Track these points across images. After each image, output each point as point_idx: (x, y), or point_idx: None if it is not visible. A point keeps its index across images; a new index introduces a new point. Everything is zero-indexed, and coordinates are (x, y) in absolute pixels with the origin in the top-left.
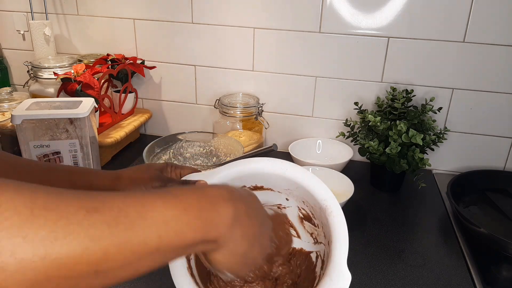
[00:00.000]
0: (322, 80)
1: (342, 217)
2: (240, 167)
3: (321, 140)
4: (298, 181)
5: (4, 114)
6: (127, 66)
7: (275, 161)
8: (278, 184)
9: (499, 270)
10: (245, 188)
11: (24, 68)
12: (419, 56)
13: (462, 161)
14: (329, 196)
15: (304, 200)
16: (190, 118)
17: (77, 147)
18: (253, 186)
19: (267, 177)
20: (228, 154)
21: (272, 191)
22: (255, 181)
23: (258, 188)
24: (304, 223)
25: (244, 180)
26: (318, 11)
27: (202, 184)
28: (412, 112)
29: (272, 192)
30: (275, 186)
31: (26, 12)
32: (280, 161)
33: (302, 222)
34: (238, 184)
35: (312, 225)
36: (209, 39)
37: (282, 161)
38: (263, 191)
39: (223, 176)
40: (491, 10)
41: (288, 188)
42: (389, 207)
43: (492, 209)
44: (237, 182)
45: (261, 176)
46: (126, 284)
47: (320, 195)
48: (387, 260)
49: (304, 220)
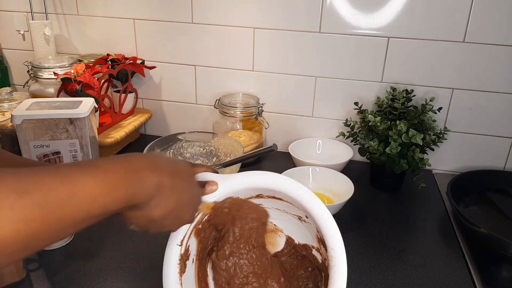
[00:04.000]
0: (322, 80)
1: (344, 275)
2: (257, 179)
3: (321, 140)
4: (312, 215)
5: (4, 114)
6: (127, 66)
7: (292, 183)
8: (294, 204)
9: (499, 270)
10: (184, 162)
11: (24, 68)
12: (419, 56)
13: (462, 161)
14: (338, 245)
15: (318, 229)
16: (190, 118)
17: (77, 147)
18: (271, 195)
19: (283, 195)
20: (228, 154)
21: (292, 205)
22: (272, 194)
23: (277, 198)
24: (320, 245)
25: (259, 190)
26: (318, 11)
27: (132, 154)
28: (412, 112)
29: (291, 205)
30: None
31: (26, 12)
32: (297, 185)
33: (319, 242)
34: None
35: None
36: (209, 39)
37: (299, 186)
38: (282, 202)
39: (236, 184)
40: (491, 10)
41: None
42: (389, 207)
43: (492, 209)
44: (251, 191)
45: (277, 193)
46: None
47: (330, 242)
48: (387, 260)
49: (321, 243)
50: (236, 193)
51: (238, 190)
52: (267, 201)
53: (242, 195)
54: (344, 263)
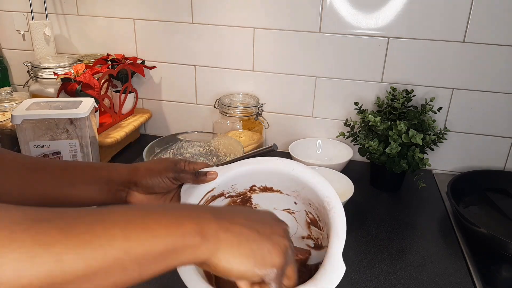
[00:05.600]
0: (322, 80)
1: (342, 212)
2: (251, 165)
3: (321, 140)
4: (304, 180)
5: (4, 114)
6: (127, 66)
7: (283, 160)
8: (286, 185)
9: (499, 270)
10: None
11: (24, 68)
12: (419, 56)
13: (462, 161)
14: (332, 194)
15: (310, 202)
16: (190, 118)
17: (77, 147)
18: (263, 186)
19: (276, 176)
20: (228, 154)
21: (281, 194)
22: (265, 181)
23: (268, 189)
24: (311, 229)
25: (254, 178)
26: (318, 11)
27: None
28: (412, 112)
29: (281, 195)
30: (284, 188)
31: (26, 12)
32: (288, 160)
33: (309, 227)
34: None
35: (318, 230)
36: (209, 39)
37: (290, 160)
38: (273, 193)
39: (234, 174)
40: (491, 10)
41: (296, 189)
42: (389, 207)
43: (492, 209)
44: (247, 180)
45: (269, 176)
46: None
47: (323, 193)
48: (387, 260)
49: (311, 225)
50: (234, 180)
51: (235, 177)
52: (259, 197)
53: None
54: (340, 205)
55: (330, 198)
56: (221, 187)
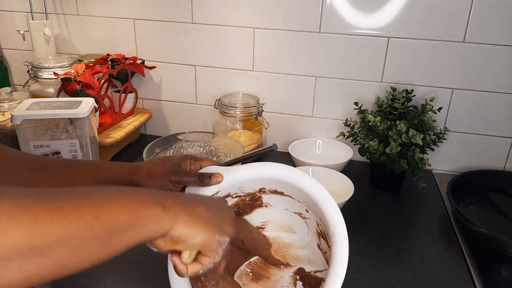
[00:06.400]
0: (322, 80)
1: (346, 249)
2: (260, 169)
3: (321, 140)
4: (314, 198)
5: (4, 114)
6: (127, 66)
7: (295, 171)
8: (296, 194)
9: (499, 270)
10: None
11: (24, 68)
12: (419, 56)
13: (462, 161)
14: (339, 222)
15: (319, 219)
16: (190, 118)
17: (77, 147)
18: (273, 189)
19: (286, 185)
20: (228, 154)
21: (293, 199)
22: (274, 186)
23: (278, 193)
24: (320, 240)
25: (262, 182)
26: (318, 11)
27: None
28: (412, 112)
29: (292, 200)
30: (295, 195)
31: (26, 12)
32: (299, 173)
33: (319, 238)
34: (257, 186)
35: (327, 245)
36: (209, 39)
37: (301, 173)
38: (283, 197)
39: (241, 176)
40: (491, 10)
41: (306, 201)
42: (389, 207)
43: (492, 209)
44: (255, 183)
45: (280, 183)
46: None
47: (330, 220)
48: (387, 260)
49: (321, 237)
50: (241, 184)
51: (243, 181)
52: (270, 197)
53: (246, 186)
54: (345, 238)
55: (335, 228)
56: (227, 190)
